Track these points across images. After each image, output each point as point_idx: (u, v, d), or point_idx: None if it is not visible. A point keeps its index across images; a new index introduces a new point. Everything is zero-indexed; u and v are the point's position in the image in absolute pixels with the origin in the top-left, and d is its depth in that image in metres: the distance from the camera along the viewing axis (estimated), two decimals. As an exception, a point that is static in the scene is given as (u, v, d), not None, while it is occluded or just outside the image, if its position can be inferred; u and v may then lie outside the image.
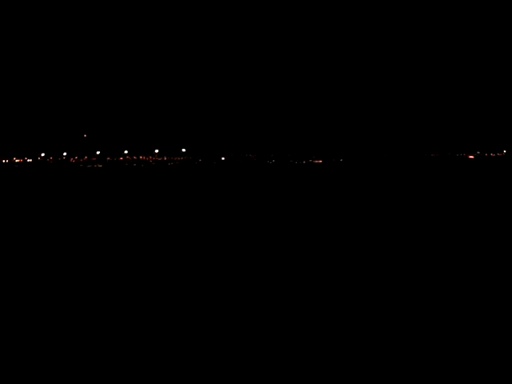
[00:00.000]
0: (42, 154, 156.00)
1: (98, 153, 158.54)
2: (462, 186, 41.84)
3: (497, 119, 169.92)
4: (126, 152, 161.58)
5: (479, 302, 9.49)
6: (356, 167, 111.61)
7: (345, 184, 49.20)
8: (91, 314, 9.20)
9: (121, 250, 15.19)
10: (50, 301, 9.98)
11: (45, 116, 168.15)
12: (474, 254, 13.73)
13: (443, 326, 8.38)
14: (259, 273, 11.87)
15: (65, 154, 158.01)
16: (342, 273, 11.90)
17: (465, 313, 8.98)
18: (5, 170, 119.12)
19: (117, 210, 26.53)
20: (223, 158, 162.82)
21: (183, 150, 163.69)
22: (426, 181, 51.79)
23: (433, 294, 9.95)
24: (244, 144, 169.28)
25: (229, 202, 30.11)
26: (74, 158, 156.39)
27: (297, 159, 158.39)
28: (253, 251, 14.65)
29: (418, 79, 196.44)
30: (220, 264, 12.89)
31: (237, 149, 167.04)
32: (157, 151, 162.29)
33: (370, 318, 8.76)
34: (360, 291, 10.25)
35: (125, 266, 12.87)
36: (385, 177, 62.81)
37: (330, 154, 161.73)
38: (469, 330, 8.13)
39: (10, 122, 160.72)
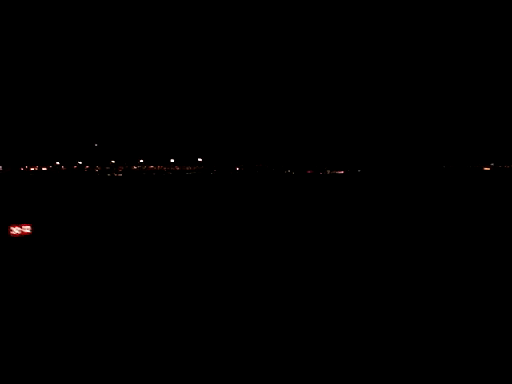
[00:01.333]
0: (57, 163, 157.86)
1: (113, 162, 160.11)
2: (479, 198, 41.44)
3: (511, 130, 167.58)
4: (141, 161, 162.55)
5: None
6: (372, 178, 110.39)
7: (359, 195, 48.91)
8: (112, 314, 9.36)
9: (133, 256, 15.38)
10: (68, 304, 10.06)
11: (59, 125, 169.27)
12: (487, 265, 13.62)
13: (442, 328, 8.47)
14: (273, 283, 11.83)
15: (80, 162, 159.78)
16: (353, 281, 11.97)
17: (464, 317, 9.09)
18: (23, 177, 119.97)
19: (133, 218, 26.67)
20: (238, 168, 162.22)
21: (199, 159, 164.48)
22: (442, 193, 51.29)
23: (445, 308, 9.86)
24: (260, 154, 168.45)
25: (244, 212, 30.31)
26: (86, 167, 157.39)
27: (315, 169, 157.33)
28: (267, 259, 14.66)
29: (433, 92, 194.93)
30: (232, 273, 12.84)
31: (252, 159, 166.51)
32: (172, 161, 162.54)
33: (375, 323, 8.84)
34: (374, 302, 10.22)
35: (136, 272, 12.95)
36: (398, 188, 62.05)
37: (348, 165, 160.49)
38: (467, 333, 8.22)
39: (25, 131, 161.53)
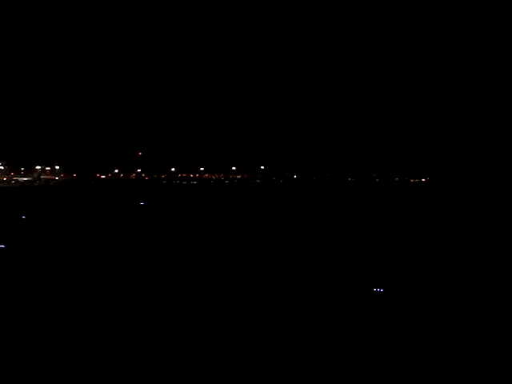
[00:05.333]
0: (116, 171, 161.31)
1: (172, 169, 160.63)
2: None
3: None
4: (201, 169, 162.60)
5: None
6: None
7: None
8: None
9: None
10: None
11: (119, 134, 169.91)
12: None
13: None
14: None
15: (139, 170, 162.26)
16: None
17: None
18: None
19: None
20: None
21: (262, 167, 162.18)
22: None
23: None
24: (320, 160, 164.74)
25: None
26: (145, 175, 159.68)
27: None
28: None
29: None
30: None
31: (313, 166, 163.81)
32: (234, 168, 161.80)
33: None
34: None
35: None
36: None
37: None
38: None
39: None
